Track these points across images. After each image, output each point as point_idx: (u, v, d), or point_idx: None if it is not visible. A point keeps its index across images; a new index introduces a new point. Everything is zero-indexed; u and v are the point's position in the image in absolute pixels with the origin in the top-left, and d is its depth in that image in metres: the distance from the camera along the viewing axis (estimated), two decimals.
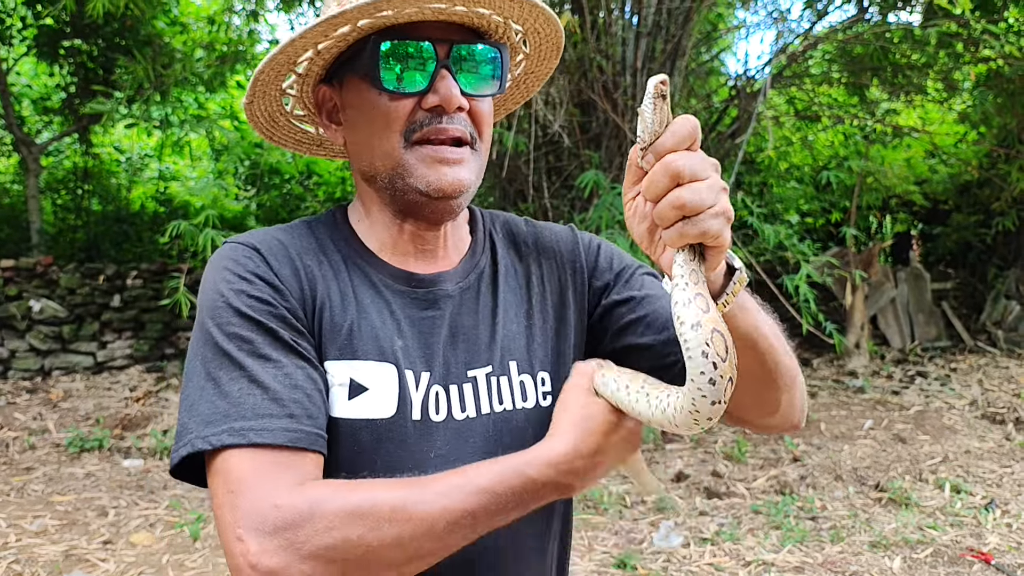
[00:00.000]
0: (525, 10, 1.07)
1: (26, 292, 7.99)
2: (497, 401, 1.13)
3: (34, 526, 4.47)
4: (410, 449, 1.05)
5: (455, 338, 1.13)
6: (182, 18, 8.91)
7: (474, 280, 1.17)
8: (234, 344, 0.97)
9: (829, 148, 9.90)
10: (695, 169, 0.81)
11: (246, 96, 1.12)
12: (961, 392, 7.27)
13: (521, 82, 1.27)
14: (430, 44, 1.03)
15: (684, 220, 0.83)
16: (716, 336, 0.83)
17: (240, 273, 1.02)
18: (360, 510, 0.88)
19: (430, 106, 1.04)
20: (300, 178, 9.96)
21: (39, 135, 9.90)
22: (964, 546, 4.08)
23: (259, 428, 0.91)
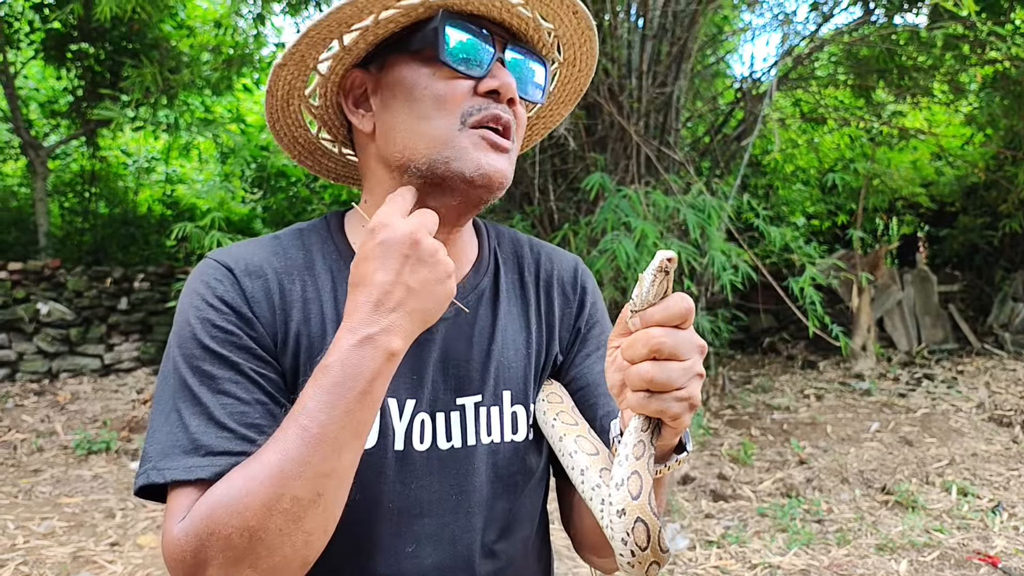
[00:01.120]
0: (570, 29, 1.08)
1: (34, 295, 8.02)
2: (486, 432, 1.09)
3: (42, 528, 4.48)
4: (389, 481, 1.03)
5: (446, 363, 1.09)
6: (189, 22, 8.93)
7: (473, 301, 1.13)
8: (197, 378, 0.95)
9: (835, 150, 9.88)
10: (676, 349, 0.82)
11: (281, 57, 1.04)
12: (968, 395, 7.25)
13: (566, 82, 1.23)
14: (491, 39, 1.03)
15: (649, 393, 0.83)
16: (639, 526, 0.86)
17: (208, 300, 0.99)
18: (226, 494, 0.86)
19: (486, 90, 1.01)
20: (307, 181, 9.98)
21: (47, 138, 9.94)
22: (971, 549, 4.06)
23: (206, 465, 0.90)
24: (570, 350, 1.20)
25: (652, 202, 5.41)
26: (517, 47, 1.06)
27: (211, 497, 0.87)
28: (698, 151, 7.90)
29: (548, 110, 1.24)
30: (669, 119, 6.79)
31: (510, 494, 1.11)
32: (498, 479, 1.06)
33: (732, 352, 9.48)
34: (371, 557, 1.03)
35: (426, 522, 1.05)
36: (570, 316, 1.22)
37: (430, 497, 1.05)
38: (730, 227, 5.98)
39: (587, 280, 1.25)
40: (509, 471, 1.09)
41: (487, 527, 1.09)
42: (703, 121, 8.21)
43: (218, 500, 0.86)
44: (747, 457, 5.59)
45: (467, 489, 1.07)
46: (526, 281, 1.20)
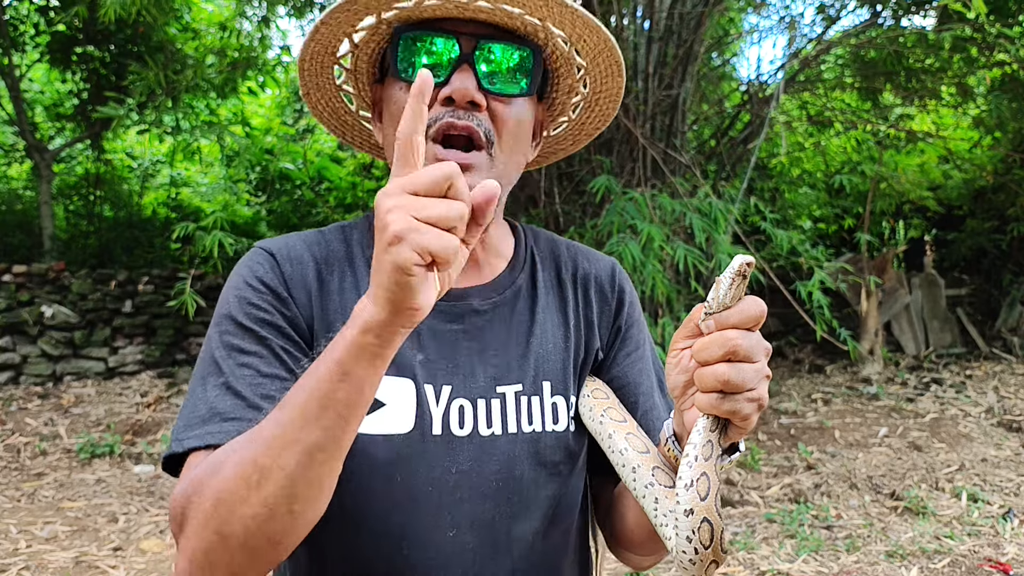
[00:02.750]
0: (554, 11, 1.03)
1: (38, 298, 8.01)
2: (527, 421, 1.10)
3: (44, 532, 4.46)
4: (430, 464, 1.04)
5: (484, 353, 1.11)
6: (194, 24, 8.93)
7: (510, 296, 1.16)
8: (225, 351, 1.00)
9: (842, 154, 9.85)
10: (750, 351, 0.84)
11: (300, 88, 1.15)
12: (977, 399, 7.19)
13: (594, 104, 1.21)
14: (454, 38, 1.02)
15: (721, 394, 0.85)
16: (704, 526, 0.89)
17: (248, 280, 1.06)
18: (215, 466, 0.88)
19: (443, 97, 1.01)
20: (311, 184, 9.97)
21: (52, 141, 9.94)
22: (982, 556, 4.02)
23: (216, 432, 0.94)
24: (610, 348, 1.22)
25: (658, 205, 5.38)
26: (494, 38, 1.03)
27: (204, 460, 0.91)
28: (704, 154, 7.86)
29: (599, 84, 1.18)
30: (675, 122, 6.77)
31: (553, 483, 1.11)
32: (541, 468, 1.08)
33: None
34: (411, 540, 1.04)
35: (467, 508, 1.06)
36: (609, 315, 1.24)
37: (471, 483, 1.06)
38: (737, 230, 5.94)
39: (624, 281, 1.27)
40: (552, 460, 1.10)
41: (530, 516, 1.10)
42: (709, 124, 8.18)
43: (207, 463, 0.90)
44: (754, 462, 5.54)
45: (510, 476, 1.08)
46: (563, 279, 1.22)
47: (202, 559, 0.87)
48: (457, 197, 0.76)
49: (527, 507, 1.09)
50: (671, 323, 5.71)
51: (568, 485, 1.15)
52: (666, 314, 6.04)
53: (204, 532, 0.86)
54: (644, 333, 1.28)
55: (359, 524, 1.04)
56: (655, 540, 1.05)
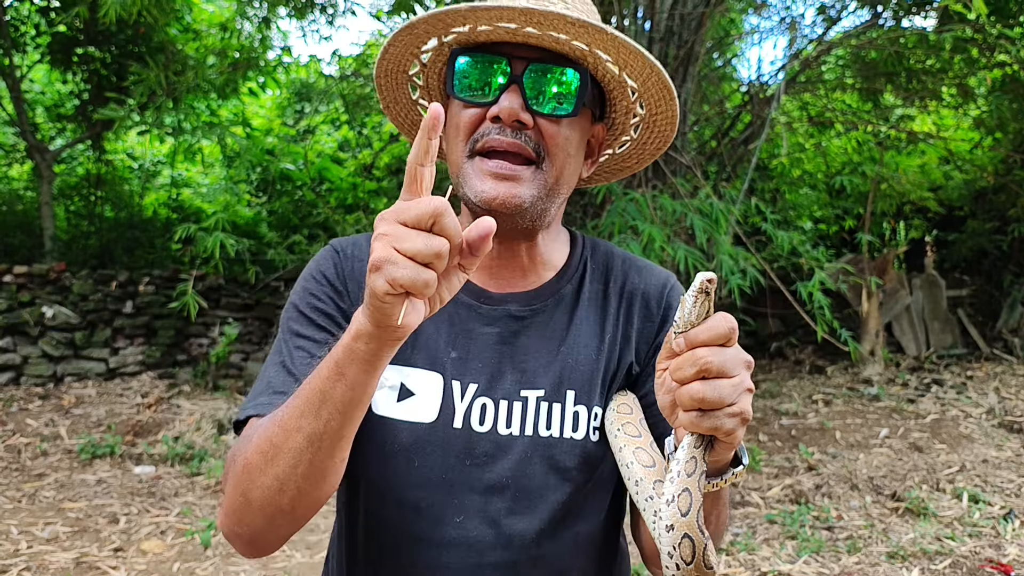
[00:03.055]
0: (597, 37, 1.08)
1: (39, 298, 8.01)
2: (545, 426, 1.15)
3: (45, 533, 4.46)
4: (447, 453, 1.13)
5: (515, 356, 1.17)
6: (195, 25, 8.93)
7: (552, 304, 1.21)
8: (287, 335, 1.15)
9: (843, 154, 9.85)
10: (723, 367, 0.85)
11: (380, 102, 1.28)
12: (978, 400, 7.19)
13: (652, 124, 1.24)
14: (506, 60, 1.08)
15: (700, 412, 0.86)
16: (685, 542, 0.90)
17: (313, 274, 1.20)
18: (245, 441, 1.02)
19: (491, 116, 1.08)
20: (312, 184, 9.97)
21: (52, 142, 9.94)
22: (983, 557, 4.01)
23: (266, 403, 1.07)
24: (647, 363, 1.24)
25: (659, 206, 5.38)
26: (541, 63, 1.09)
27: (248, 429, 1.06)
28: (705, 155, 7.86)
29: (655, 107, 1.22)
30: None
31: (564, 488, 1.15)
32: (553, 472, 1.12)
33: None
34: (421, 521, 1.13)
35: (476, 499, 1.13)
36: (651, 330, 1.25)
37: (484, 476, 1.13)
38: (737, 231, 5.94)
39: (673, 298, 1.28)
40: (565, 466, 1.14)
41: (535, 515, 1.14)
42: (710, 125, 8.18)
43: (247, 433, 1.05)
44: (755, 463, 5.54)
45: (521, 476, 1.13)
46: (609, 292, 1.25)
47: (232, 514, 1.02)
48: (442, 232, 0.79)
49: (534, 507, 1.14)
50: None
51: (582, 492, 1.17)
52: None
53: (234, 493, 1.01)
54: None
55: (384, 496, 1.14)
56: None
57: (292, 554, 4.20)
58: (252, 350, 8.63)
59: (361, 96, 7.99)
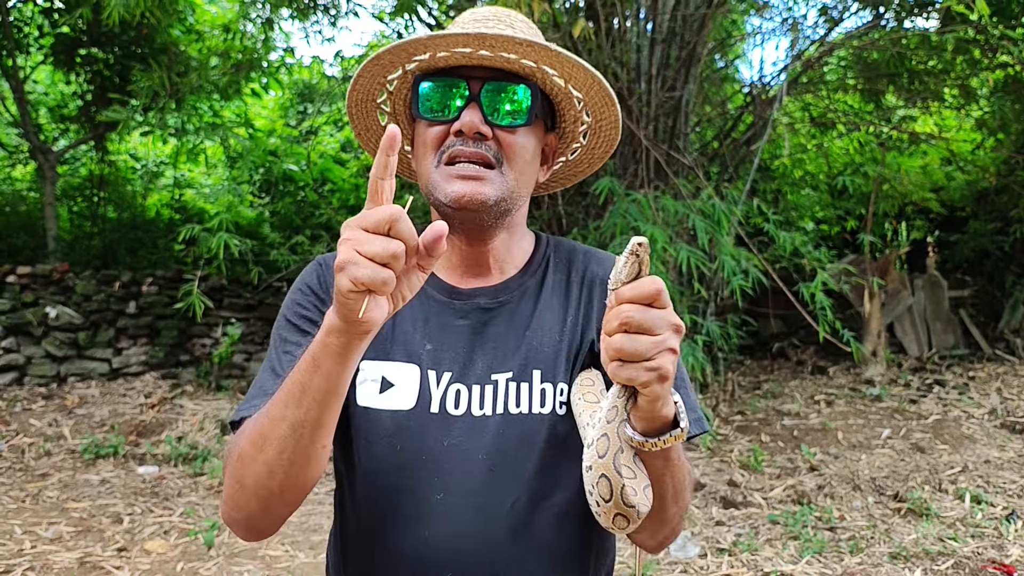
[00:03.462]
0: (543, 55, 1.22)
1: (42, 299, 8.03)
2: (514, 403, 1.26)
3: (49, 533, 4.47)
4: (426, 436, 1.23)
5: (484, 345, 1.28)
6: (198, 26, 8.94)
7: (516, 296, 1.33)
8: (279, 342, 1.28)
9: (845, 155, 9.85)
10: (644, 323, 0.94)
11: (355, 135, 1.41)
12: (980, 401, 7.19)
13: (599, 130, 1.39)
14: (464, 81, 1.22)
15: (621, 362, 0.95)
16: (602, 481, 1.01)
17: (300, 286, 1.33)
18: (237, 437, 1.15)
19: (455, 130, 1.22)
20: (314, 185, 9.98)
21: (56, 143, 9.96)
22: (986, 558, 4.02)
23: (258, 404, 1.16)
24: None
25: (661, 207, 5.39)
26: (498, 79, 1.23)
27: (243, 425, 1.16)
28: (707, 155, 7.87)
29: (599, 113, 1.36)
30: (678, 123, 6.77)
31: (535, 460, 1.24)
32: (525, 445, 1.22)
33: (741, 357, 9.43)
34: (405, 498, 1.23)
35: (456, 476, 1.22)
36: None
37: (462, 456, 1.23)
38: (740, 232, 5.95)
39: None
40: (535, 439, 1.24)
41: (513, 488, 1.23)
42: (712, 125, 8.19)
43: (241, 428, 1.15)
44: (757, 464, 5.55)
45: (496, 451, 1.23)
46: (572, 280, 1.37)
47: (230, 500, 1.13)
48: (398, 236, 0.90)
49: (510, 480, 1.23)
50: None
51: (553, 462, 1.25)
52: None
53: (231, 481, 1.12)
54: None
55: (372, 479, 1.25)
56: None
57: (296, 554, 4.21)
58: (255, 350, 8.64)
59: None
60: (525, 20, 1.33)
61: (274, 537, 4.43)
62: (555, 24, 6.04)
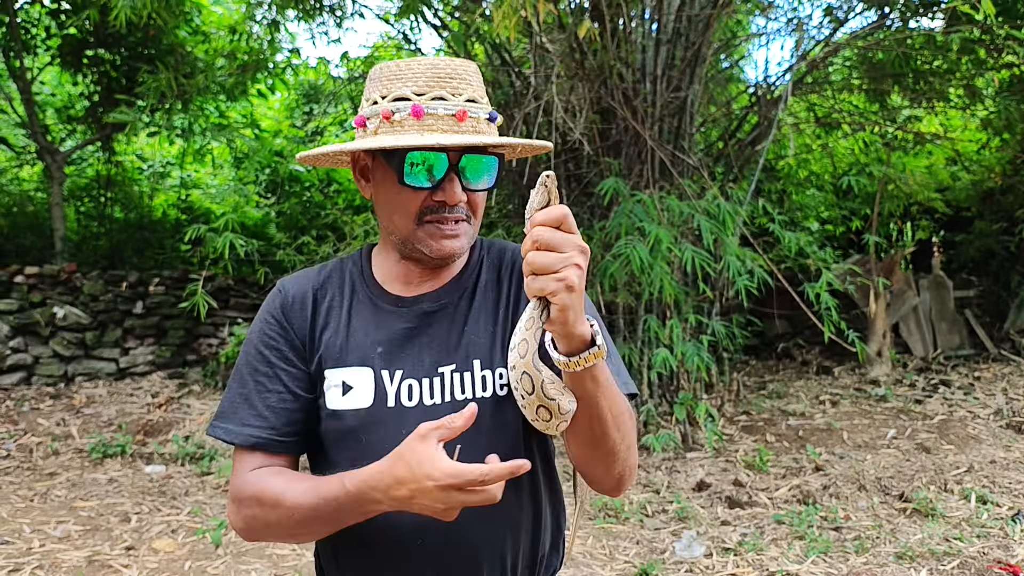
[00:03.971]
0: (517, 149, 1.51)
1: (50, 299, 8.07)
2: (460, 391, 1.42)
3: (57, 532, 4.50)
4: (386, 428, 1.38)
5: (430, 343, 1.44)
6: (204, 28, 8.97)
7: (455, 298, 1.49)
8: (246, 368, 1.44)
9: (850, 155, 9.83)
10: (551, 242, 1.10)
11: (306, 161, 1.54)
12: (985, 401, 7.19)
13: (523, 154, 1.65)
14: (445, 156, 1.36)
15: (532, 276, 1.11)
16: (524, 377, 1.18)
17: (264, 315, 1.48)
18: (256, 496, 1.33)
19: (437, 200, 1.38)
20: (320, 186, 10.01)
21: (63, 143, 10.00)
22: (992, 558, 4.02)
23: (236, 432, 1.39)
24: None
25: (666, 207, 5.40)
26: (473, 152, 1.39)
27: (256, 487, 1.35)
28: (712, 156, 7.88)
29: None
30: (683, 124, 6.78)
31: (487, 440, 1.35)
32: (474, 428, 1.28)
33: (747, 358, 9.43)
34: None
35: None
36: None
37: None
38: (744, 232, 5.95)
39: None
40: (481, 421, 1.31)
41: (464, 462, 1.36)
42: (717, 126, 8.19)
43: (257, 487, 1.35)
44: (763, 464, 5.55)
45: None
46: (502, 276, 1.53)
47: (239, 522, 1.37)
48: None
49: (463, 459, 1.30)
50: (679, 324, 5.72)
51: (500, 440, 1.38)
52: (674, 315, 6.06)
53: (243, 511, 1.35)
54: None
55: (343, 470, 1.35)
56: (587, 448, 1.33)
57: (303, 553, 4.23)
58: None
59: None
60: (475, 70, 1.46)
61: None
62: (560, 25, 6.06)
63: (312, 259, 7.15)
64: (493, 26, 4.66)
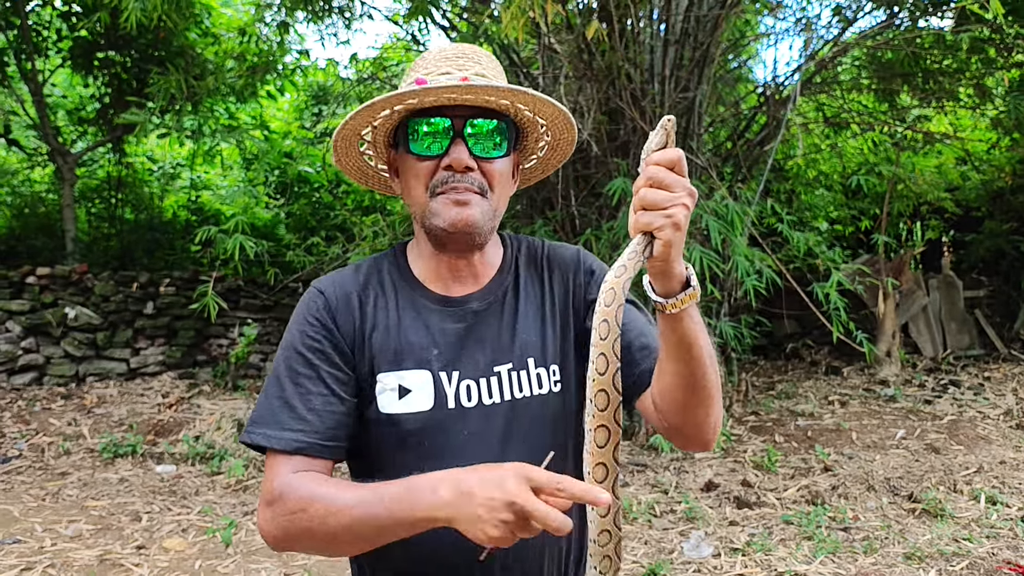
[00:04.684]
0: (518, 96, 1.40)
1: (61, 299, 8.13)
2: (518, 389, 1.44)
3: (69, 531, 4.54)
4: (447, 430, 1.39)
5: (483, 343, 1.46)
6: (214, 29, 9.01)
7: (500, 296, 1.51)
8: (286, 372, 1.38)
9: (859, 155, 9.81)
10: (664, 181, 1.13)
11: (333, 156, 1.55)
12: (995, 401, 7.16)
13: (556, 146, 1.59)
14: (449, 120, 1.38)
15: (642, 211, 1.14)
16: (609, 291, 1.18)
17: (306, 316, 1.43)
18: (303, 502, 1.24)
19: (444, 166, 1.38)
20: (329, 187, 10.04)
21: (74, 145, 10.05)
22: (1001, 558, 4.01)
23: (277, 437, 1.33)
24: (589, 307, 1.52)
25: None
26: (479, 117, 1.39)
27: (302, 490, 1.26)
28: (720, 156, 7.87)
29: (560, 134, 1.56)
30: (691, 124, 6.78)
31: (544, 432, 1.45)
32: (530, 423, 1.41)
33: (755, 358, 9.42)
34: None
35: (476, 460, 1.33)
36: (580, 285, 1.56)
37: (480, 441, 1.40)
38: (753, 232, 5.95)
39: (589, 260, 1.60)
40: (539, 417, 1.44)
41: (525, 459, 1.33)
42: (725, 126, 8.18)
43: (298, 495, 1.26)
44: (771, 464, 5.55)
45: (508, 433, 1.42)
46: (541, 272, 1.56)
47: (275, 531, 1.27)
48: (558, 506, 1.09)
49: (523, 456, 1.34)
50: None
51: (554, 433, 1.46)
52: None
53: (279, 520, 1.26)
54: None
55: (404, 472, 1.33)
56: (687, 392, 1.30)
57: None
58: (271, 351, 8.70)
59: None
60: (488, 55, 1.50)
61: None
62: (568, 26, 6.06)
63: (322, 260, 7.18)
64: (501, 27, 4.67)
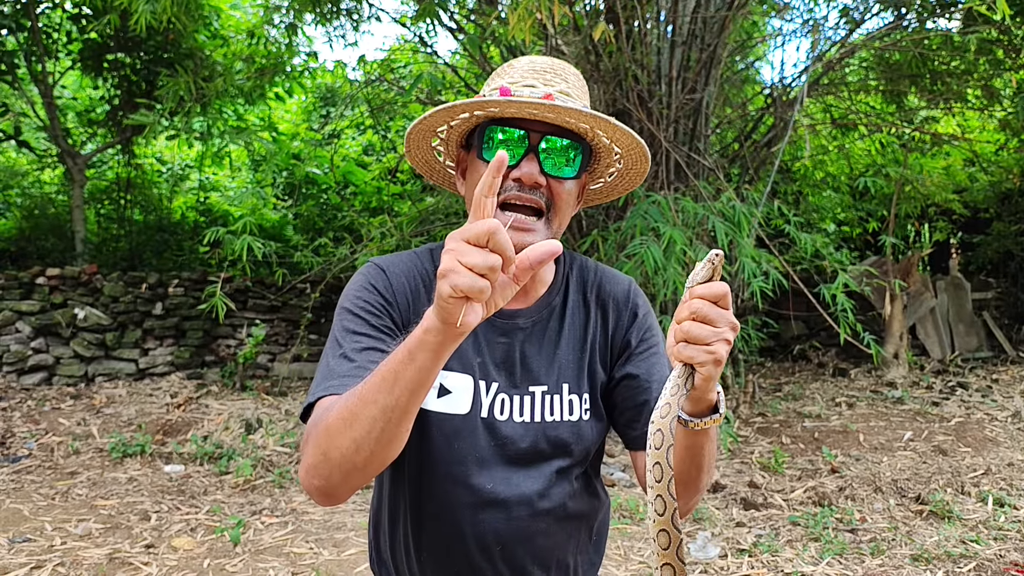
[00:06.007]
0: (599, 123, 1.39)
1: (71, 300, 8.17)
2: (548, 412, 1.48)
3: (78, 530, 4.56)
4: (476, 438, 1.43)
5: (523, 360, 1.49)
6: (223, 32, 9.05)
7: (546, 315, 1.53)
8: (341, 333, 1.39)
9: (866, 156, 9.79)
10: (709, 315, 1.12)
11: (405, 151, 1.56)
12: (1003, 403, 7.14)
13: (626, 175, 1.60)
14: (525, 132, 1.39)
15: (684, 343, 1.13)
16: (656, 433, 1.15)
17: (364, 285, 1.45)
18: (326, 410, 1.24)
19: (514, 177, 1.39)
20: (337, 188, 10.07)
21: (83, 147, 10.11)
22: (1008, 560, 4.01)
23: (339, 385, 1.30)
24: (626, 349, 1.58)
25: (681, 208, 5.40)
26: (555, 135, 1.40)
27: (326, 402, 1.28)
28: (727, 157, 7.87)
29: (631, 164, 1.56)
30: (699, 125, 6.78)
31: (563, 458, 1.49)
32: (557, 447, 1.45)
33: (762, 359, 9.41)
34: (461, 487, 1.44)
35: (502, 470, 1.45)
36: (624, 323, 1.59)
37: (504, 453, 1.44)
38: (760, 233, 5.95)
39: (637, 296, 1.62)
40: (564, 441, 1.48)
41: (537, 478, 1.47)
42: (733, 127, 8.18)
43: (327, 404, 1.27)
44: (778, 465, 5.55)
45: (531, 451, 1.46)
46: (588, 300, 1.58)
47: (312, 470, 1.24)
48: (496, 249, 0.99)
49: (541, 472, 1.47)
50: None
51: (575, 458, 1.50)
52: None
53: (315, 451, 1.23)
54: (659, 335, 1.61)
55: (432, 471, 1.45)
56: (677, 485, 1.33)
57: (320, 552, 4.27)
58: (279, 351, 8.74)
59: (385, 101, 8.07)
60: (576, 72, 1.50)
61: (298, 535, 4.50)
62: (576, 27, 6.08)
63: (329, 261, 7.20)
64: (508, 29, 4.69)
